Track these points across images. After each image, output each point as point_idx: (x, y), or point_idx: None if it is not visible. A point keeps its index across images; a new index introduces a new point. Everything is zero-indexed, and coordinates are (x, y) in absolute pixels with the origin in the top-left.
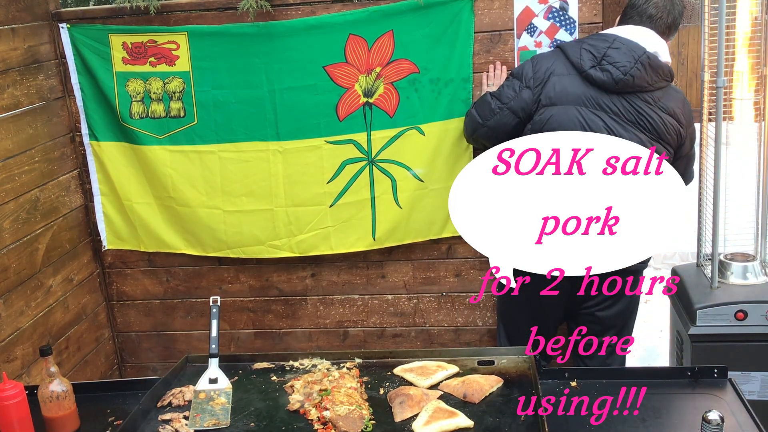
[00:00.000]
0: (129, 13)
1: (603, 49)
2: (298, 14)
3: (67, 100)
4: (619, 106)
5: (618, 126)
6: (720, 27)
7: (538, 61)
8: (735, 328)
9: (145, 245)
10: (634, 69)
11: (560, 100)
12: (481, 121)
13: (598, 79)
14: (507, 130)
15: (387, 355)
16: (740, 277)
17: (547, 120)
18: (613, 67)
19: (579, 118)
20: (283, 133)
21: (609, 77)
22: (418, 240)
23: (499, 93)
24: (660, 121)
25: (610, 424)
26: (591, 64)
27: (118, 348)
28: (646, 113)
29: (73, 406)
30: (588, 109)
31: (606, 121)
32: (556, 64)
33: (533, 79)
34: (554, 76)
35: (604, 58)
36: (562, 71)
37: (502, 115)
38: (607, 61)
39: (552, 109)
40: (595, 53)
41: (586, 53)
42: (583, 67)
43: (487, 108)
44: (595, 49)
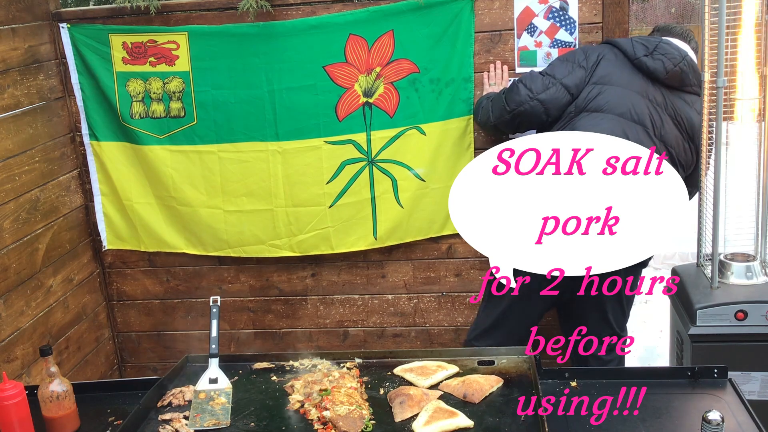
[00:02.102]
0: (129, 13)
1: (655, 42)
2: (298, 14)
3: (68, 100)
4: (664, 98)
5: (659, 116)
6: (720, 27)
7: (587, 48)
8: (735, 328)
9: (146, 245)
10: (682, 63)
11: (611, 80)
12: (532, 94)
13: (651, 67)
14: (559, 106)
15: (387, 355)
16: (740, 277)
17: (595, 96)
18: (665, 57)
19: (626, 99)
20: (283, 133)
21: (661, 66)
22: (419, 239)
23: (551, 70)
24: (696, 122)
25: (610, 424)
26: (644, 52)
27: (118, 348)
28: (684, 111)
29: (73, 406)
30: (636, 94)
31: (650, 108)
32: (606, 51)
33: (586, 61)
34: (605, 60)
35: (656, 49)
36: (612, 57)
37: (556, 89)
38: (659, 52)
39: (602, 87)
40: (647, 45)
41: (639, 44)
42: (636, 54)
43: (538, 82)
44: (647, 42)
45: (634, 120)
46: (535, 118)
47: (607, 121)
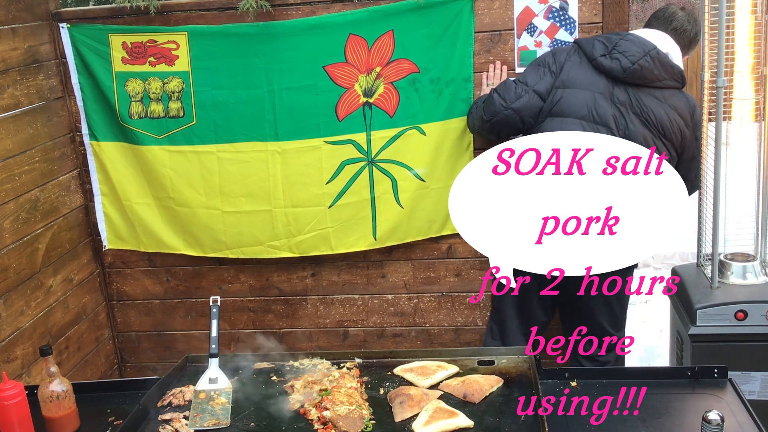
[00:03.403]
0: (129, 13)
1: (615, 40)
2: (298, 14)
3: (67, 100)
4: (628, 97)
5: (624, 117)
6: (720, 27)
7: (557, 51)
8: (735, 328)
9: (145, 245)
10: (642, 60)
11: (572, 83)
12: (505, 104)
13: (607, 66)
14: (533, 113)
15: (387, 355)
16: (740, 277)
17: (557, 101)
18: (622, 56)
19: (588, 102)
20: (282, 133)
21: (617, 65)
22: (418, 239)
23: (524, 77)
24: (666, 118)
25: (610, 424)
26: (601, 52)
27: (118, 348)
28: (653, 108)
29: (73, 406)
30: (597, 95)
31: (613, 110)
32: (571, 53)
33: (554, 64)
34: (569, 63)
35: (614, 47)
36: (577, 59)
37: (529, 96)
38: (617, 50)
39: (564, 91)
40: (606, 43)
41: (599, 43)
42: (594, 54)
43: (511, 91)
44: (607, 40)
45: (596, 122)
46: (512, 125)
47: (569, 125)
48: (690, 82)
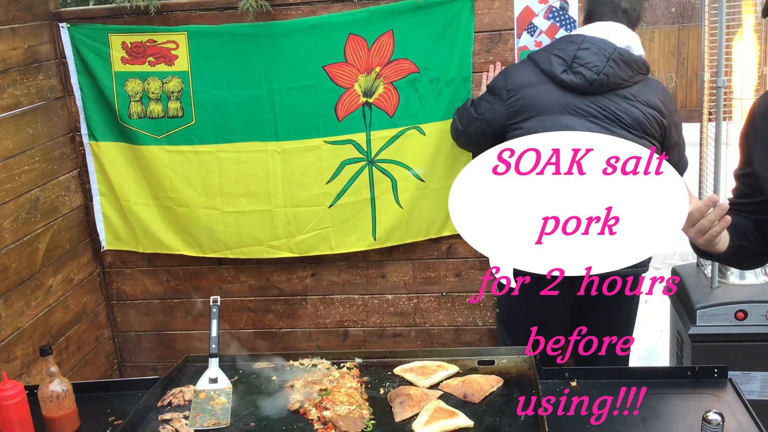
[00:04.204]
0: (129, 12)
1: (572, 51)
2: (298, 14)
3: (67, 99)
4: (598, 107)
5: (599, 128)
6: (720, 27)
7: (508, 73)
8: (735, 328)
9: (144, 246)
10: (607, 67)
11: (537, 110)
12: (461, 128)
13: (572, 83)
14: (484, 140)
15: (387, 354)
16: (740, 277)
17: (526, 132)
18: (584, 68)
19: (558, 125)
20: (282, 133)
21: (582, 79)
22: (418, 239)
23: (477, 103)
24: (642, 115)
25: (610, 424)
26: (562, 68)
27: (118, 348)
28: (626, 110)
29: (73, 406)
30: (567, 115)
31: (586, 124)
32: (527, 74)
33: (505, 91)
34: (527, 88)
35: (574, 60)
36: (534, 81)
37: (477, 124)
38: (577, 63)
39: (531, 121)
40: (564, 57)
41: (556, 59)
42: (554, 72)
43: (466, 116)
44: (564, 53)
45: None
46: (473, 148)
47: None
48: (690, 82)
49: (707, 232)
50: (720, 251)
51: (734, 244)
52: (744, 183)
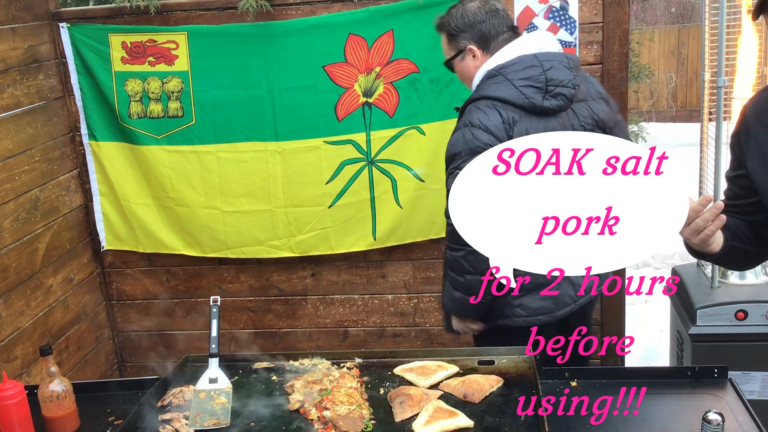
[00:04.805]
0: (129, 12)
1: (540, 75)
2: (298, 14)
3: (67, 99)
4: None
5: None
6: (720, 27)
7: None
8: (735, 328)
9: (144, 246)
10: (573, 77)
11: None
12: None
13: (556, 107)
14: None
15: (387, 354)
16: (740, 277)
17: None
18: (561, 88)
19: None
20: (282, 133)
21: (564, 99)
22: (418, 239)
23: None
24: (599, 109)
25: (610, 424)
26: (540, 95)
27: (118, 348)
28: (590, 115)
29: (73, 406)
30: None
31: None
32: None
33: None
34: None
35: (548, 84)
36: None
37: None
38: (552, 85)
39: None
40: (536, 84)
41: (528, 89)
42: (534, 103)
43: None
44: (533, 81)
45: None
46: None
47: None
48: (690, 82)
49: (702, 231)
50: (714, 252)
51: (728, 244)
52: (737, 185)
